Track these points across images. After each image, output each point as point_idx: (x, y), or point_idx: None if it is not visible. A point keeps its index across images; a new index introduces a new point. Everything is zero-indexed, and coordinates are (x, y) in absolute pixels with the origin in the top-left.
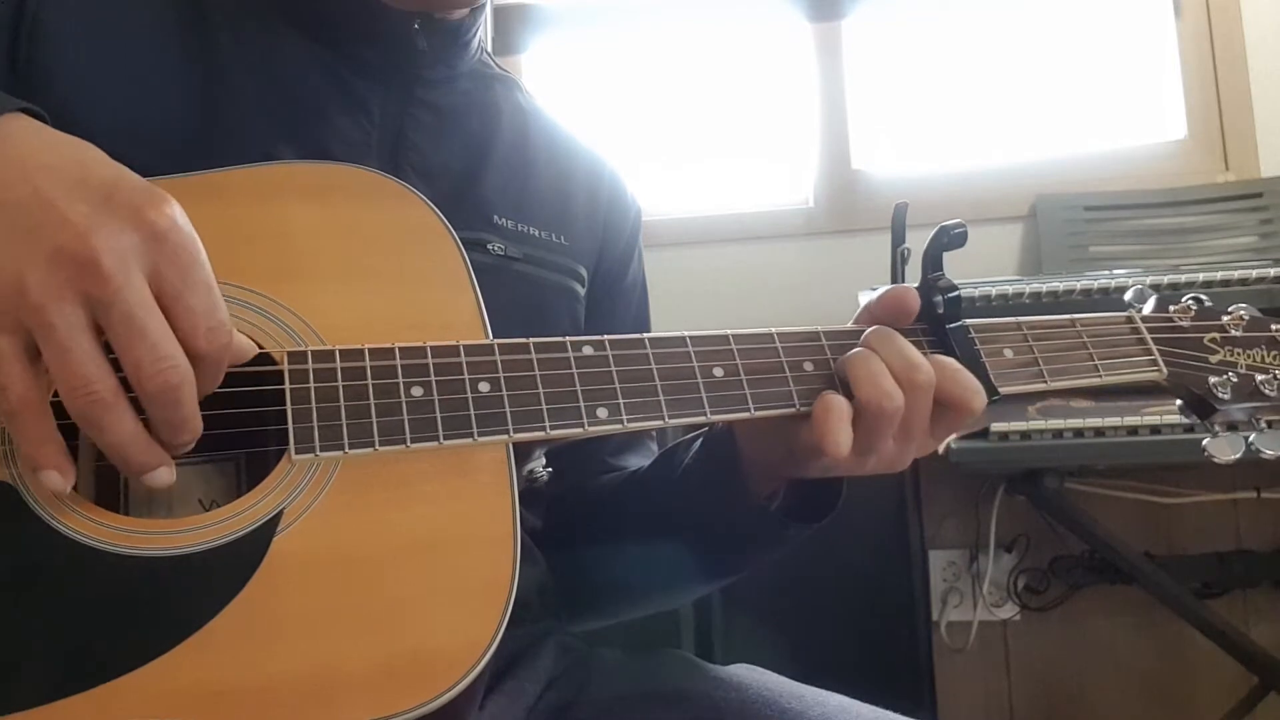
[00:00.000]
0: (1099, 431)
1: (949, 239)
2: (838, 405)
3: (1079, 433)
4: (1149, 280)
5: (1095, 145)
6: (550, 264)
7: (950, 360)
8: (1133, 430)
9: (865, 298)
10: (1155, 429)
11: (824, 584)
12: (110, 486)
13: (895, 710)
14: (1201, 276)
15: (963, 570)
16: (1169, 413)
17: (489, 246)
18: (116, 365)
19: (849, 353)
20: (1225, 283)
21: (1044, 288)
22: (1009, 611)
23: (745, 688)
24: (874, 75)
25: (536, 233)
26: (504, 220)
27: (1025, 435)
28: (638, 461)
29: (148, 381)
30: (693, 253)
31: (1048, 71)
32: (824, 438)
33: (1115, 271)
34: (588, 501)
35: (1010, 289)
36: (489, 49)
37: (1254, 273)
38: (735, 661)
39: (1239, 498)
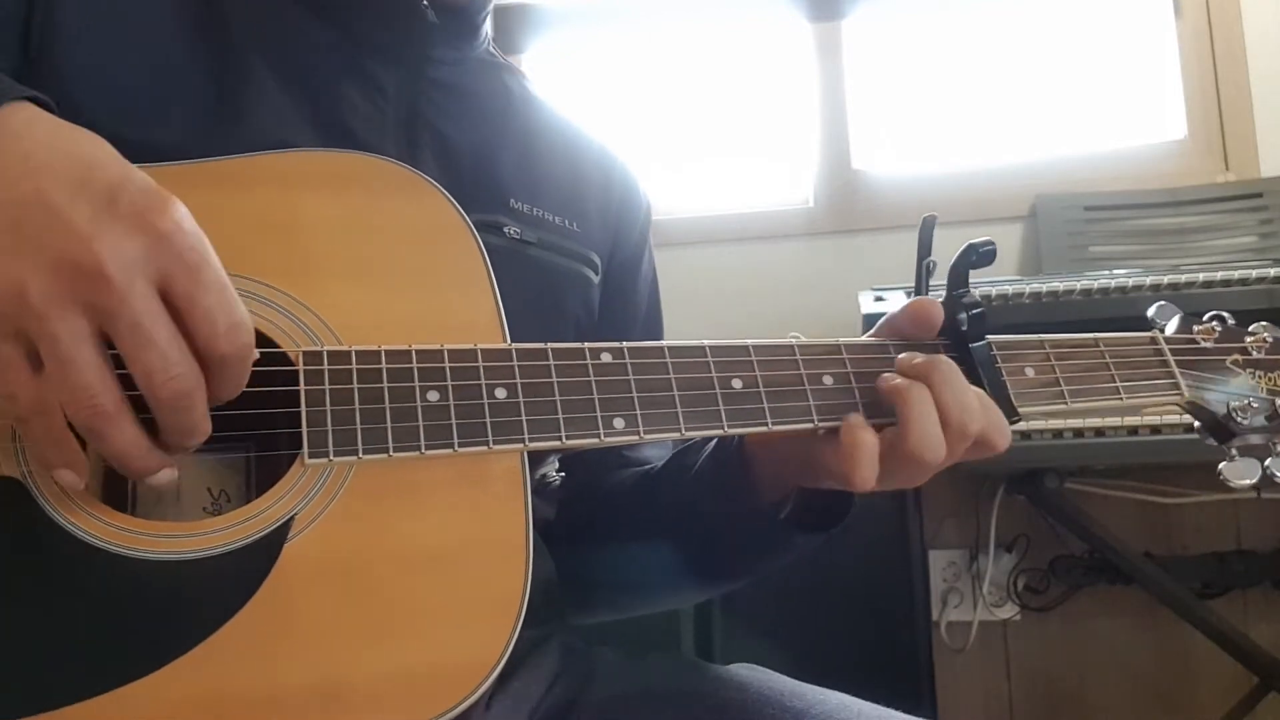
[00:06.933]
0: (1099, 431)
1: (977, 257)
2: (868, 443)
3: (1079, 433)
4: (1149, 280)
5: (1095, 145)
6: (564, 249)
7: (989, 402)
8: (1133, 430)
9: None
10: (1155, 429)
11: (824, 584)
12: (118, 479)
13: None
14: (1201, 276)
15: (963, 570)
16: (1169, 413)
17: (504, 230)
18: (118, 363)
19: (901, 381)
20: (1225, 283)
21: (1044, 288)
22: (1009, 611)
23: (746, 687)
24: (874, 75)
25: (551, 218)
26: (519, 204)
27: (1025, 435)
28: (653, 454)
29: (159, 390)
30: (693, 252)
31: (1048, 71)
32: (852, 473)
33: (1115, 271)
34: (600, 498)
35: (1010, 289)
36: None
37: (1254, 273)
38: (735, 661)
39: (1239, 498)
